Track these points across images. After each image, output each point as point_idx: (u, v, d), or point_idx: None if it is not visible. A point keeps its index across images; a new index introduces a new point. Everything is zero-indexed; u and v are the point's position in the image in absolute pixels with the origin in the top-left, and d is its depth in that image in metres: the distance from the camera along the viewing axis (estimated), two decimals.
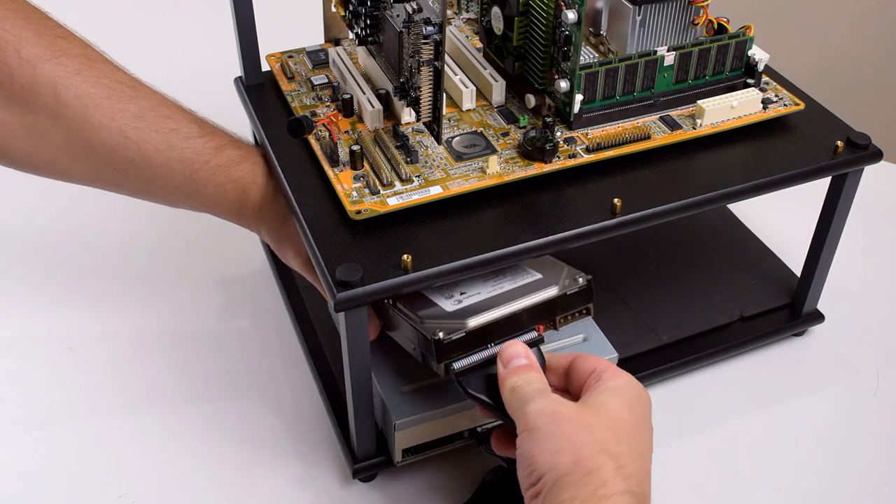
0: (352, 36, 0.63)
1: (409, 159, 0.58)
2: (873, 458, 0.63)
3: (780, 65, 0.67)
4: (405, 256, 0.51)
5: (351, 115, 0.62)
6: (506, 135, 0.60)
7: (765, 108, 0.62)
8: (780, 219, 0.78)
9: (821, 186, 0.63)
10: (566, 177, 0.58)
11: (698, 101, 0.61)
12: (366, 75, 0.65)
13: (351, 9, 0.61)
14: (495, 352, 0.52)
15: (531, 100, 0.61)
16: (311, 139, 0.60)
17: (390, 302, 0.55)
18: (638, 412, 0.48)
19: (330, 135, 0.59)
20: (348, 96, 0.62)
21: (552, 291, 0.55)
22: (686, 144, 0.61)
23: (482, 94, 0.64)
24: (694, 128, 0.61)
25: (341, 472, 0.61)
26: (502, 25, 0.62)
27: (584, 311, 0.57)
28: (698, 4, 0.61)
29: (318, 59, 0.68)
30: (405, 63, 0.57)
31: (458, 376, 0.52)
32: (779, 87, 0.65)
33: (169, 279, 0.75)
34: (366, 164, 0.58)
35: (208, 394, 0.66)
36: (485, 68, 0.64)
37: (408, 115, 0.61)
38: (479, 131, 0.61)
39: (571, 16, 0.55)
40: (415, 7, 0.53)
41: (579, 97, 0.59)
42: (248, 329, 0.72)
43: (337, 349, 0.56)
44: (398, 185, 0.56)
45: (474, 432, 0.59)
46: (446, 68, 0.62)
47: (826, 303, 0.70)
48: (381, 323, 0.57)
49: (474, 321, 0.52)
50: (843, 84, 1.49)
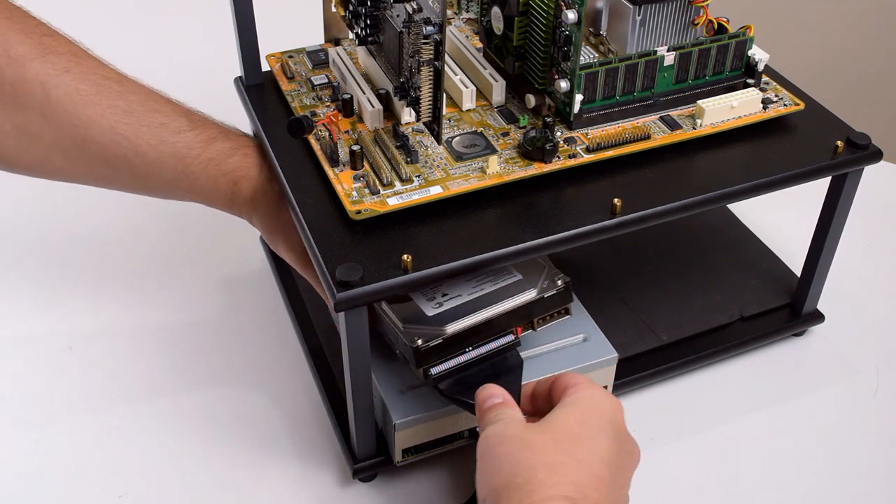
0: (352, 36, 0.64)
1: (409, 159, 0.58)
2: (873, 458, 0.63)
3: (780, 65, 0.67)
4: (405, 256, 0.51)
5: (351, 115, 0.62)
6: (506, 135, 0.60)
7: (765, 108, 0.62)
8: (780, 219, 0.78)
9: (821, 186, 0.63)
10: (566, 177, 0.58)
11: (698, 101, 0.61)
12: (366, 75, 0.65)
13: (351, 9, 0.61)
14: (473, 356, 0.55)
15: (531, 100, 0.61)
16: (311, 139, 0.60)
17: None
18: (592, 423, 0.48)
19: (330, 135, 0.59)
20: (348, 96, 0.62)
21: (530, 294, 0.56)
22: (686, 144, 0.61)
23: (482, 94, 0.64)
24: (694, 128, 0.61)
25: (341, 472, 0.61)
26: (502, 25, 0.62)
27: (562, 312, 0.58)
28: (698, 4, 0.61)
29: (318, 59, 0.68)
30: (405, 63, 0.57)
31: (437, 381, 0.54)
32: (779, 87, 0.65)
33: (169, 279, 0.76)
34: (366, 163, 0.58)
35: (208, 394, 0.66)
36: (485, 68, 0.64)
37: (408, 115, 0.61)
38: (479, 131, 0.61)
39: (571, 16, 0.55)
40: (415, 7, 0.53)
41: (579, 97, 0.59)
42: (248, 329, 0.72)
43: (337, 349, 0.56)
44: (398, 185, 0.56)
45: (474, 432, 0.59)
46: (446, 68, 0.62)
47: (826, 303, 0.70)
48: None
49: (452, 327, 0.54)
50: (843, 84, 1.49)
